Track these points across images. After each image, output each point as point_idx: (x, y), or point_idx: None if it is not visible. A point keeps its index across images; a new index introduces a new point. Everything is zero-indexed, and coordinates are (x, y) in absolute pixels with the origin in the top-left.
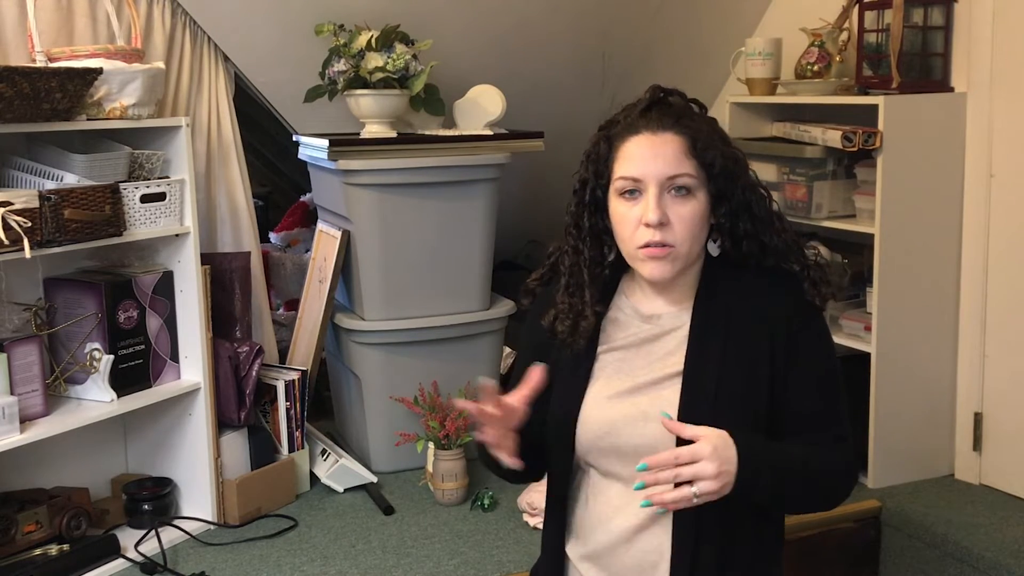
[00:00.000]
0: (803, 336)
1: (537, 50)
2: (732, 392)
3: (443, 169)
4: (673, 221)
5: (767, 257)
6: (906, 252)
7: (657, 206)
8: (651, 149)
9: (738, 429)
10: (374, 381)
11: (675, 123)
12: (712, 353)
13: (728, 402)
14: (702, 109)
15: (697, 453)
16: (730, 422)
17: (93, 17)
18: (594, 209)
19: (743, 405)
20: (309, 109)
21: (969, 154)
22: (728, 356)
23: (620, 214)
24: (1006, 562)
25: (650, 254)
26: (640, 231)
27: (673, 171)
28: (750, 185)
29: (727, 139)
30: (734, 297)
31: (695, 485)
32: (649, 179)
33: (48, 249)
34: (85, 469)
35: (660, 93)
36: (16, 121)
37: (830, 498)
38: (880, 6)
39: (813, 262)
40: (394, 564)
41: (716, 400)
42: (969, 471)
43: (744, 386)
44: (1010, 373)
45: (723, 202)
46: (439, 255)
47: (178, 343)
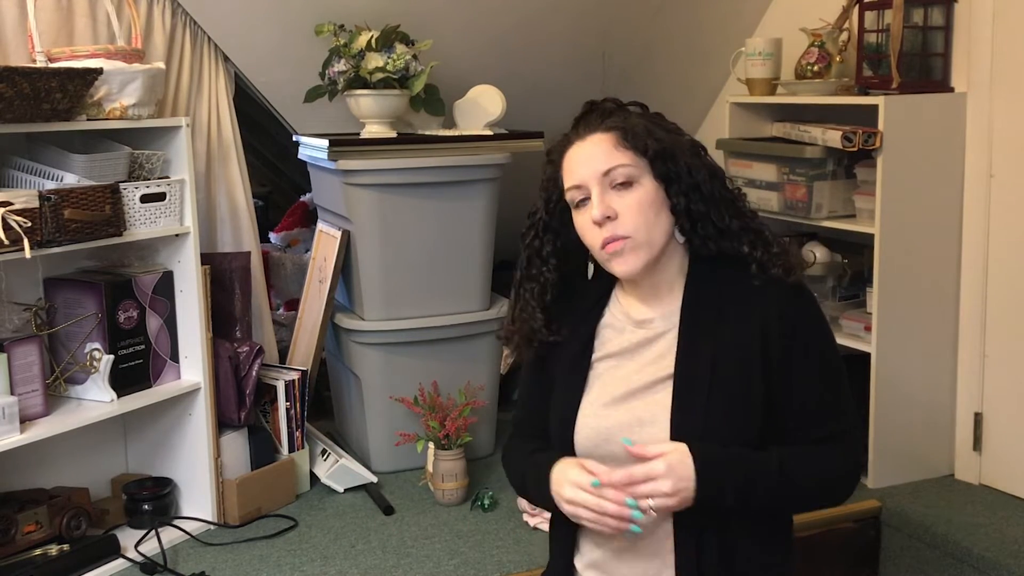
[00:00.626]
0: (798, 331)
1: (537, 50)
2: (724, 392)
3: (443, 169)
4: (621, 212)
5: (723, 239)
6: (906, 252)
7: (600, 202)
8: (583, 152)
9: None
10: (374, 381)
11: (600, 123)
12: (703, 353)
13: (721, 403)
14: (643, 108)
15: (651, 472)
16: (723, 423)
17: (93, 17)
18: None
19: (736, 405)
20: (309, 109)
21: (969, 154)
22: (719, 355)
23: (580, 224)
24: (1006, 562)
25: (610, 251)
26: (595, 232)
27: (606, 165)
28: (697, 165)
29: (668, 128)
30: (723, 294)
31: (651, 500)
32: (588, 180)
33: (48, 249)
34: (85, 469)
35: (590, 104)
36: (16, 121)
37: (828, 497)
38: (880, 6)
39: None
40: (394, 564)
41: (708, 401)
42: (969, 471)
43: (737, 385)
44: (1010, 373)
45: (671, 183)
46: (439, 255)
47: (178, 343)
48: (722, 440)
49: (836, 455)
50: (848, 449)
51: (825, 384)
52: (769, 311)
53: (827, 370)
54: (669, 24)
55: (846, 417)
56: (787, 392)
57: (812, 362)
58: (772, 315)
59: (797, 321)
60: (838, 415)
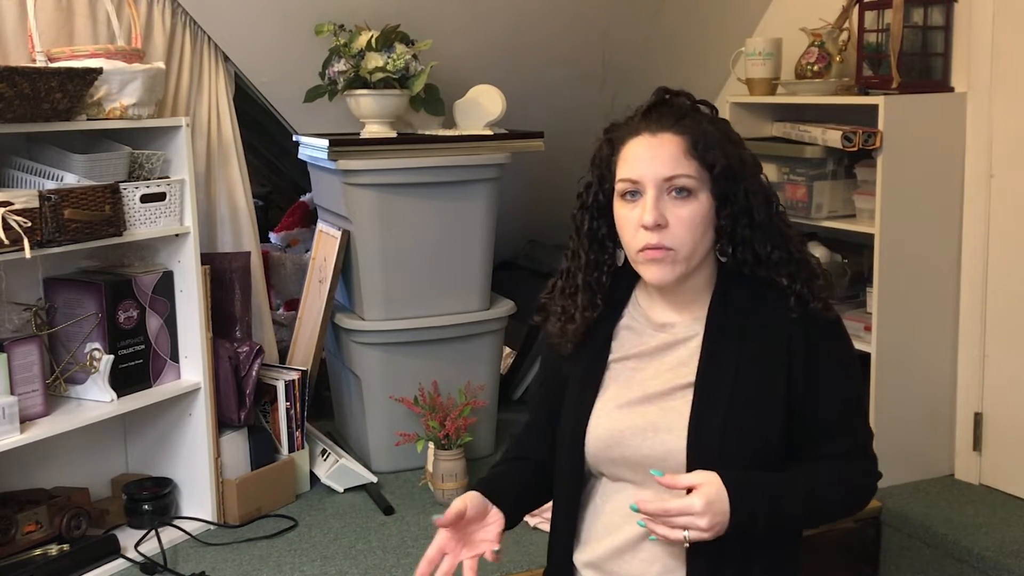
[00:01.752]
0: (822, 350)
1: (537, 50)
2: (745, 405)
3: (443, 169)
4: (672, 223)
5: (760, 267)
6: (906, 252)
7: (654, 207)
8: (649, 150)
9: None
10: (374, 381)
11: (674, 123)
12: (726, 365)
13: (740, 415)
14: (713, 110)
15: (689, 507)
16: (741, 437)
17: (93, 17)
18: (596, 213)
19: (756, 419)
20: (309, 109)
21: (969, 154)
22: (742, 368)
23: (621, 217)
24: (1006, 562)
25: (649, 257)
26: (640, 234)
27: (671, 172)
28: (755, 190)
29: (735, 140)
30: (750, 307)
31: (687, 532)
32: (647, 180)
33: (48, 249)
34: (85, 469)
35: (664, 95)
36: (16, 121)
37: (849, 511)
38: (880, 6)
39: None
40: (394, 564)
41: (728, 412)
42: (969, 471)
43: (758, 400)
44: (1010, 373)
45: (726, 204)
46: (439, 255)
47: (178, 343)
48: (738, 454)
49: (857, 470)
50: (868, 462)
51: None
52: (798, 340)
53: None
54: (669, 24)
55: (856, 437)
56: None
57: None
58: (801, 344)
59: (820, 346)
60: (856, 433)
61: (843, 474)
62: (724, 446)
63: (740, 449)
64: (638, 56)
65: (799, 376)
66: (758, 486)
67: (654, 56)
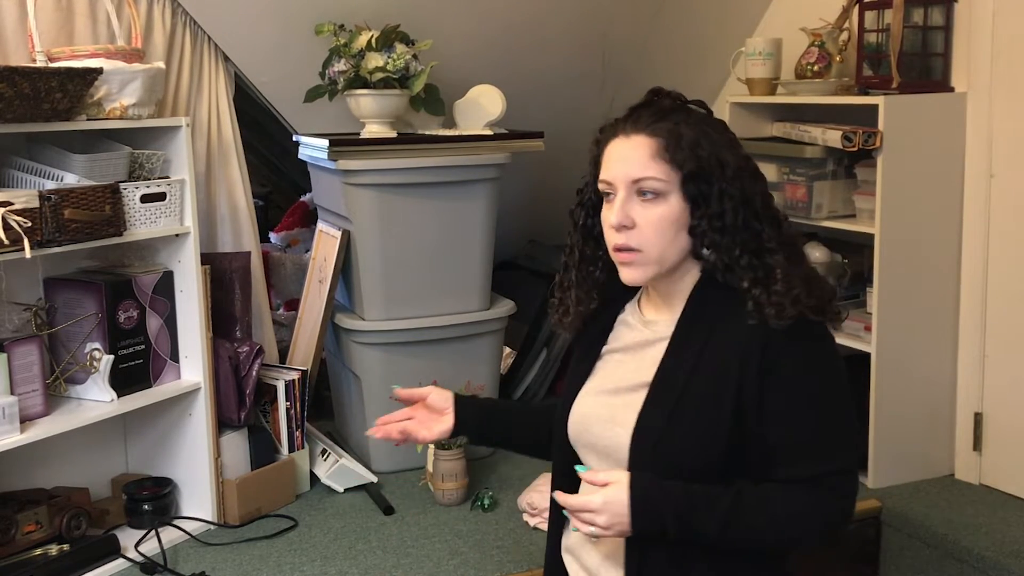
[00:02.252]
0: (779, 364)
1: (537, 50)
2: (691, 410)
3: (443, 169)
4: (640, 224)
5: (728, 272)
6: (906, 252)
7: (621, 208)
8: (621, 151)
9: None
10: (374, 381)
11: (649, 125)
12: (683, 367)
13: (683, 420)
14: (706, 111)
15: (587, 504)
16: (682, 440)
17: (93, 17)
18: (591, 210)
19: (699, 426)
20: (309, 109)
21: (969, 154)
22: (697, 374)
23: (603, 217)
24: (1006, 562)
25: (619, 258)
26: (611, 234)
27: (638, 174)
28: (731, 192)
29: (717, 141)
30: (720, 313)
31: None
32: (617, 182)
33: (48, 249)
34: (85, 469)
35: (653, 96)
36: (16, 121)
37: (793, 540)
38: (880, 6)
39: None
40: (394, 564)
41: (672, 415)
42: (969, 471)
43: (705, 407)
44: (1010, 373)
45: (699, 206)
46: (439, 255)
47: (178, 343)
48: (677, 458)
49: (808, 499)
50: (826, 495)
51: (805, 426)
52: (752, 346)
53: (810, 412)
54: (669, 24)
55: (820, 463)
56: (762, 429)
57: (791, 403)
58: (755, 351)
59: (779, 361)
60: (818, 459)
61: (789, 501)
62: (662, 448)
63: (679, 453)
64: (638, 56)
65: (752, 391)
66: (669, 496)
67: (654, 56)
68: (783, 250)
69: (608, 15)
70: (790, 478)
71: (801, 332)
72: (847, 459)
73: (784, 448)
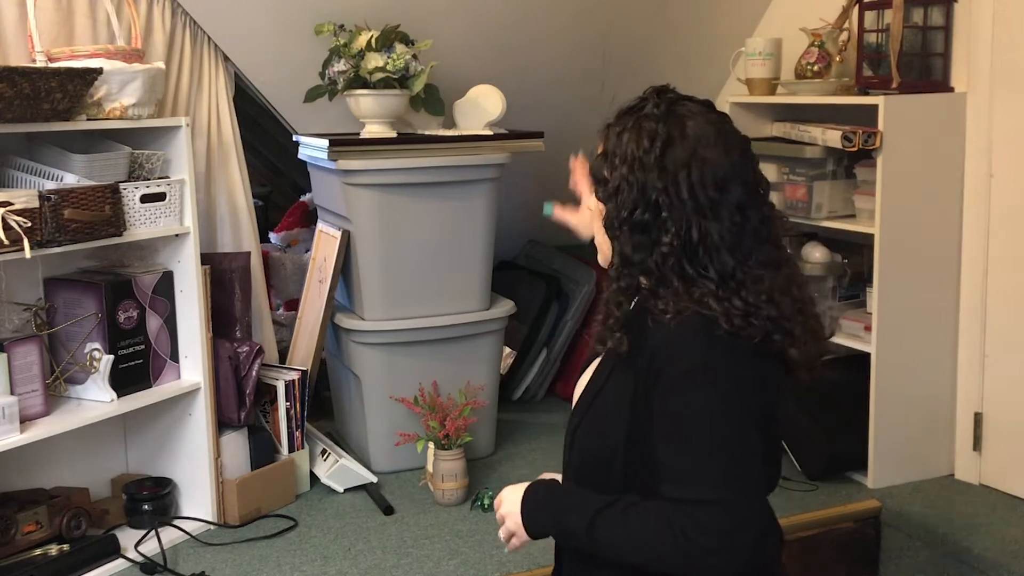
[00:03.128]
0: (663, 377)
1: (537, 50)
2: (600, 405)
3: (443, 169)
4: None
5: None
6: (906, 252)
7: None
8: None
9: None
10: (374, 381)
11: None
12: (603, 369)
13: (594, 413)
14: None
15: (499, 500)
16: (584, 443)
17: (93, 17)
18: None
19: (602, 421)
20: (309, 109)
21: (969, 154)
22: (611, 377)
23: None
24: (1006, 562)
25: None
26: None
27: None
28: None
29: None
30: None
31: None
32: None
33: (48, 249)
34: (85, 469)
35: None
36: (16, 121)
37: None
38: (880, 6)
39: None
40: (394, 564)
41: (588, 409)
42: (969, 471)
43: (611, 403)
44: (1010, 373)
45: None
46: (439, 255)
47: (178, 343)
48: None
49: (662, 522)
50: (681, 522)
51: (675, 443)
52: (652, 351)
53: (680, 429)
54: (669, 24)
55: (695, 489)
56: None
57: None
58: (652, 357)
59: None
60: (683, 482)
61: (653, 518)
62: (572, 450)
63: (581, 457)
64: (638, 56)
65: (643, 394)
66: (553, 498)
67: (654, 56)
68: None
69: (608, 15)
70: (668, 497)
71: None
72: (723, 491)
73: (663, 464)
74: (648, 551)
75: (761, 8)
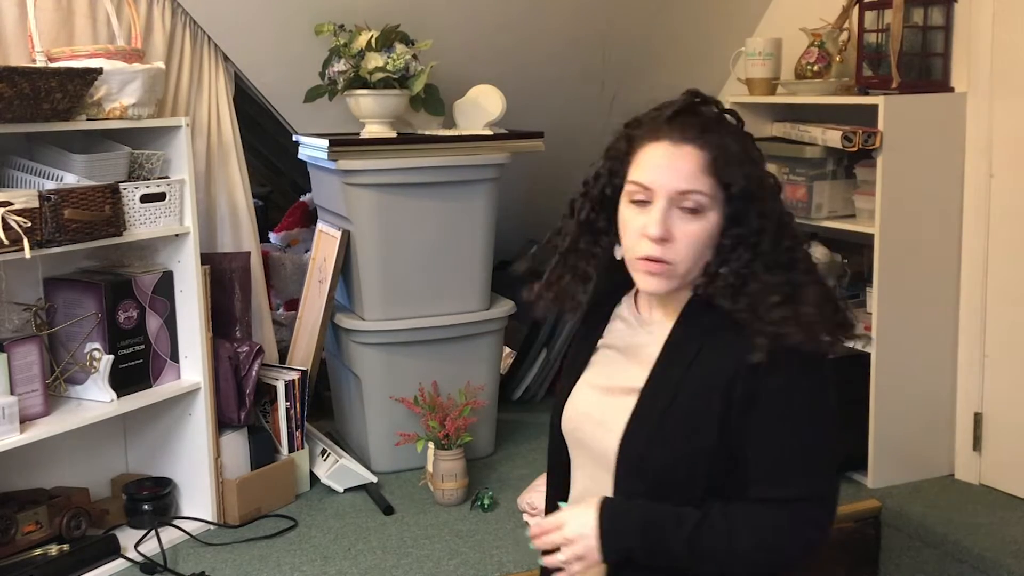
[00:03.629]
0: (766, 387)
1: (537, 50)
2: (676, 422)
3: (443, 169)
4: (677, 238)
5: (731, 293)
6: (906, 252)
7: (662, 221)
8: (667, 160)
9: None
10: (374, 381)
11: (698, 136)
12: (672, 378)
13: (669, 433)
14: (739, 123)
15: (557, 522)
16: (664, 453)
17: (93, 17)
18: (599, 204)
19: (683, 440)
20: (309, 109)
21: (969, 154)
22: (685, 385)
23: (626, 219)
24: (1006, 562)
25: (647, 268)
26: (642, 243)
27: (686, 186)
28: (768, 213)
29: (755, 159)
30: (713, 327)
31: (561, 552)
32: (660, 190)
33: (48, 249)
34: (85, 469)
35: (694, 99)
36: (16, 121)
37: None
38: (880, 6)
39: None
40: (394, 564)
41: (659, 426)
42: (969, 471)
43: (690, 418)
44: (1010, 373)
45: (734, 225)
46: (439, 255)
47: (178, 343)
48: (659, 470)
49: (774, 522)
50: (794, 518)
51: (783, 449)
52: (742, 366)
53: (791, 436)
54: (669, 24)
55: (802, 487)
56: (744, 449)
57: (774, 426)
58: (745, 371)
59: (767, 385)
60: (791, 483)
61: (756, 521)
62: (646, 458)
63: (661, 464)
64: (638, 56)
65: (738, 407)
66: (637, 516)
67: (654, 56)
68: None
69: (608, 15)
70: (762, 498)
71: (794, 357)
72: (821, 487)
73: (760, 468)
74: (756, 554)
75: (761, 8)
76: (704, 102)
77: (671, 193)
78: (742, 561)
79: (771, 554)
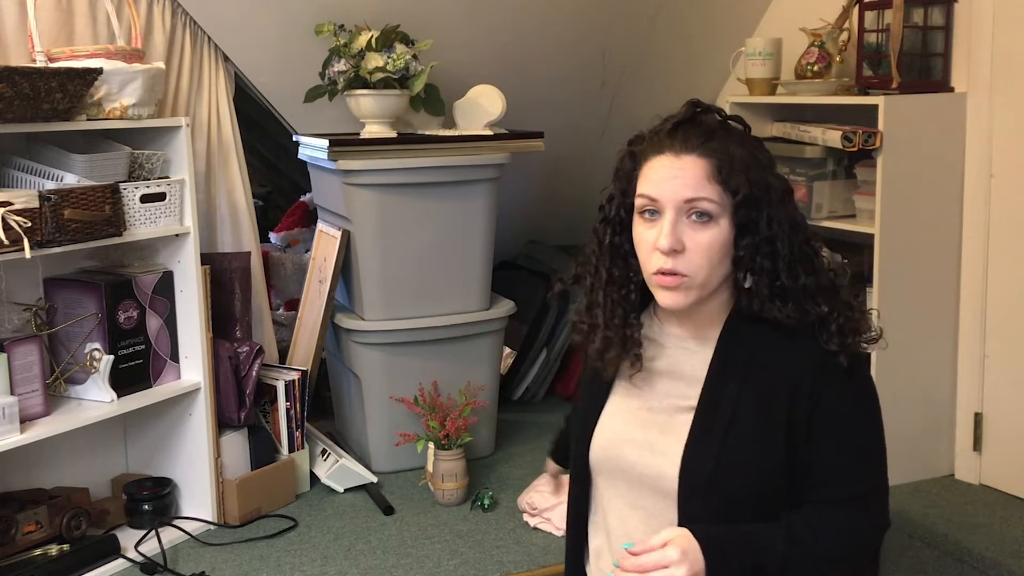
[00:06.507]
0: (828, 391)
1: (537, 50)
2: (741, 440)
3: (443, 169)
4: (689, 248)
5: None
6: (906, 252)
7: (672, 232)
8: (671, 171)
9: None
10: (374, 381)
11: (701, 144)
12: (728, 395)
13: (735, 450)
14: (745, 128)
15: (664, 559)
16: (734, 470)
17: (93, 17)
18: (619, 227)
19: (751, 455)
20: (309, 109)
21: (969, 154)
22: (743, 401)
23: (638, 235)
24: (1006, 562)
25: (662, 283)
26: (655, 256)
27: (692, 195)
28: (780, 218)
29: (763, 163)
30: (761, 339)
31: None
32: (667, 201)
33: (48, 249)
34: (85, 469)
35: (695, 110)
36: (16, 121)
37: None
38: (880, 6)
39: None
40: (394, 564)
41: (723, 445)
42: (969, 471)
43: (755, 436)
44: (1010, 373)
45: (746, 232)
46: (439, 255)
47: (178, 343)
48: (729, 489)
49: (853, 520)
50: (867, 511)
51: (848, 450)
52: (802, 375)
53: (853, 438)
54: (669, 24)
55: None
56: (808, 455)
57: (838, 430)
58: (805, 380)
59: (829, 390)
60: (857, 480)
61: (836, 523)
62: (715, 479)
63: (731, 484)
64: (638, 56)
65: (801, 415)
66: (731, 537)
67: (654, 56)
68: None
69: (608, 15)
70: (828, 499)
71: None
72: (886, 475)
73: (831, 471)
74: (842, 552)
75: (761, 8)
76: (705, 111)
77: (678, 203)
78: (828, 564)
79: (854, 550)
